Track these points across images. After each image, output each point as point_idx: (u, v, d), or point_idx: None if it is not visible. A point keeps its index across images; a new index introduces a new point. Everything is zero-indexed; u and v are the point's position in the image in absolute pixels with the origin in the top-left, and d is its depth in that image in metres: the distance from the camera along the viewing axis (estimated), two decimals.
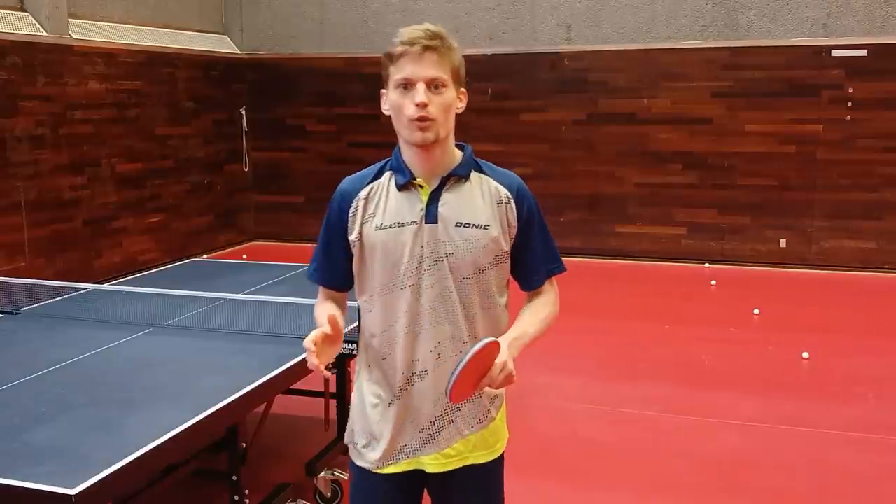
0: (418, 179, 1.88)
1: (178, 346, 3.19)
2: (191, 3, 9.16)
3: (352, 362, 3.56)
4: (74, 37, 7.35)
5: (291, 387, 3.22)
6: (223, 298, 3.73)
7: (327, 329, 1.76)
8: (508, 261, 1.95)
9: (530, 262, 1.98)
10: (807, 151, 8.15)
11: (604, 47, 8.59)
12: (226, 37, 9.77)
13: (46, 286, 4.07)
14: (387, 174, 1.94)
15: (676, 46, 8.40)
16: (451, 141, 1.91)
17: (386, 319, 1.91)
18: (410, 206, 1.88)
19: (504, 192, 1.93)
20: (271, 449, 3.95)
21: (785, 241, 8.31)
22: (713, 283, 7.71)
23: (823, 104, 8.04)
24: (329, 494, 3.50)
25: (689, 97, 8.41)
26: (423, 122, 1.79)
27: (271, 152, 9.90)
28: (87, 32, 7.57)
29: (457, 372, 1.68)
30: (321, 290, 2.06)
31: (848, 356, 5.52)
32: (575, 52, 8.71)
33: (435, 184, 1.89)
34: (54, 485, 1.96)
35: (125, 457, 2.12)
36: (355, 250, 1.94)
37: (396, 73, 1.81)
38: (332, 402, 3.66)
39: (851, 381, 5.01)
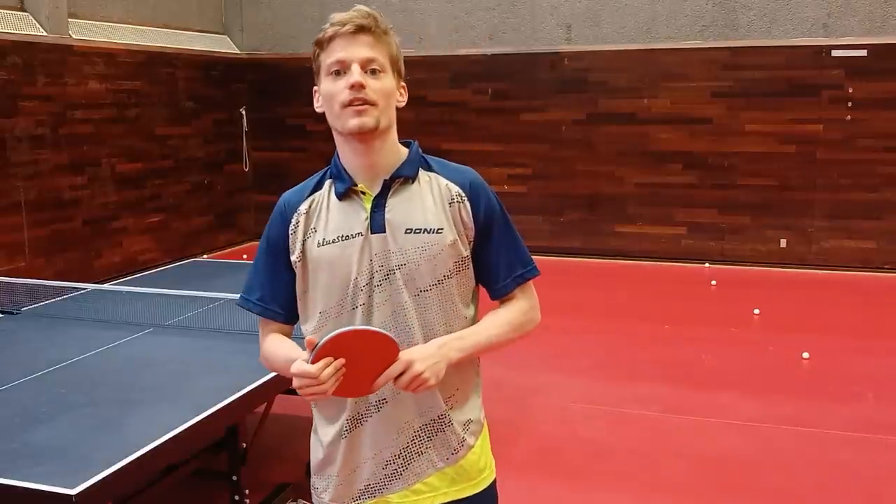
0: (360, 185, 1.68)
1: (178, 346, 3.19)
2: (191, 3, 9.16)
3: None
4: (74, 37, 7.35)
5: (291, 387, 3.22)
6: (223, 298, 3.72)
7: (305, 355, 1.53)
8: (471, 267, 1.73)
9: (494, 268, 1.74)
10: (807, 151, 8.15)
11: (604, 47, 8.59)
12: (226, 37, 9.77)
13: (46, 286, 4.07)
14: (327, 184, 1.74)
15: (676, 46, 8.39)
16: (394, 137, 1.72)
17: None
18: (354, 217, 1.68)
19: (455, 189, 1.71)
20: (271, 449, 3.95)
21: (785, 241, 8.31)
22: (713, 283, 7.71)
23: (823, 104, 8.04)
24: None
25: (689, 97, 8.41)
26: (360, 104, 1.60)
27: (271, 152, 9.90)
28: (87, 32, 7.57)
29: (322, 341, 1.48)
30: (264, 324, 1.80)
31: (848, 356, 5.52)
32: (575, 52, 8.71)
33: (378, 189, 1.68)
34: (54, 485, 1.96)
35: (125, 457, 2.12)
36: (298, 271, 1.71)
37: (328, 58, 1.64)
38: None
39: (851, 381, 5.01)
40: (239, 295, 1.84)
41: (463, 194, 1.71)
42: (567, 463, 3.97)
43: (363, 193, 1.69)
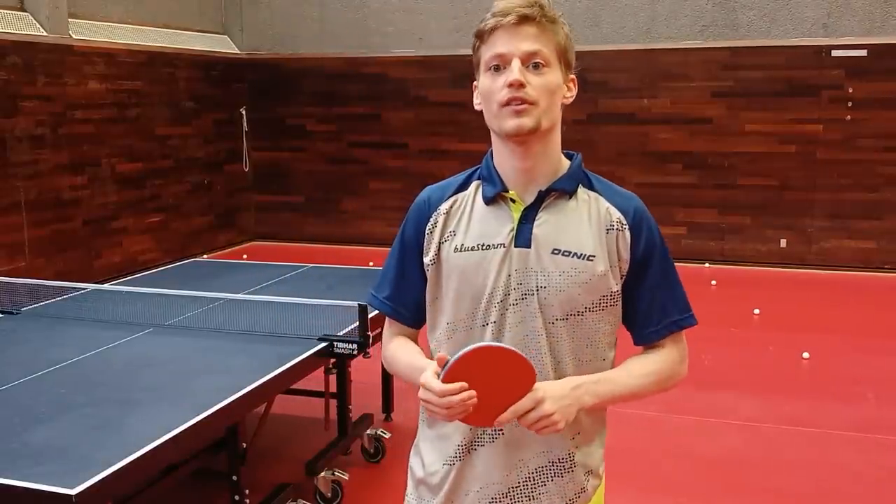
0: (511, 192, 1.52)
1: (178, 346, 3.19)
2: (191, 3, 9.16)
3: (352, 362, 3.57)
4: (74, 37, 7.35)
5: (291, 387, 3.22)
6: (223, 298, 3.72)
7: (436, 387, 1.38)
8: (619, 304, 1.55)
9: (646, 310, 1.56)
10: (807, 151, 8.15)
11: (604, 47, 8.59)
12: (226, 37, 9.77)
13: (46, 286, 4.06)
14: (474, 184, 1.58)
15: (676, 46, 8.39)
16: (556, 141, 1.57)
17: None
18: (499, 225, 1.52)
19: (617, 215, 1.53)
20: (271, 449, 3.95)
21: (785, 241, 8.31)
22: (713, 283, 7.71)
23: (823, 104, 8.04)
24: (329, 494, 3.49)
25: (689, 97, 8.41)
26: (519, 104, 1.45)
27: (271, 152, 9.90)
28: (87, 32, 7.57)
29: (451, 361, 1.35)
30: (389, 324, 1.68)
31: (848, 356, 5.52)
32: (575, 52, 8.70)
33: (531, 198, 1.52)
34: (54, 485, 1.96)
35: (125, 457, 2.12)
36: (430, 276, 1.57)
37: (487, 52, 1.48)
38: (333, 402, 3.66)
39: (851, 381, 5.01)
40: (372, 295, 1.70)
41: (624, 222, 1.54)
42: None
43: (513, 201, 1.53)
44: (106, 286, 4.19)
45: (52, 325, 3.46)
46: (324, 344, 3.17)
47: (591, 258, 1.50)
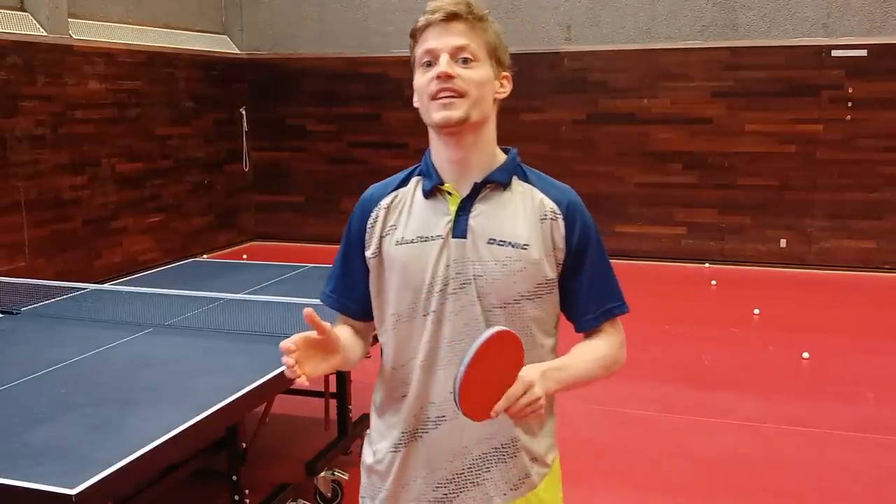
0: (447, 185, 1.58)
1: (178, 346, 3.19)
2: (191, 3, 9.16)
3: None
4: (74, 37, 7.35)
5: (291, 387, 3.22)
6: (223, 298, 3.72)
7: (312, 333, 1.48)
8: (555, 292, 1.59)
9: (582, 297, 1.61)
10: (807, 151, 8.15)
11: (604, 47, 8.59)
12: (226, 37, 9.77)
13: (46, 286, 4.06)
14: (414, 180, 1.64)
15: (676, 46, 8.39)
16: (490, 136, 1.60)
17: (401, 354, 1.61)
18: (437, 218, 1.58)
19: (551, 205, 1.59)
20: (271, 449, 3.95)
21: (785, 241, 8.31)
22: (713, 283, 7.71)
23: (823, 104, 8.04)
24: (329, 494, 3.50)
25: (689, 97, 8.41)
26: (447, 95, 1.49)
27: (271, 152, 9.90)
28: (87, 32, 7.57)
29: (467, 360, 1.34)
30: (338, 317, 1.73)
31: (848, 356, 5.52)
32: (575, 52, 8.71)
33: (466, 191, 1.57)
34: (54, 485, 1.95)
35: (125, 457, 2.12)
36: (372, 269, 1.63)
37: (419, 49, 1.55)
38: (333, 402, 3.66)
39: (851, 381, 5.01)
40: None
41: (558, 212, 1.59)
42: (567, 463, 3.96)
43: (450, 194, 1.58)
44: (106, 286, 4.19)
45: (52, 325, 3.46)
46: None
47: (525, 247, 1.55)
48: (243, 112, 9.74)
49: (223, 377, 2.80)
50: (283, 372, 2.91)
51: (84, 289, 4.11)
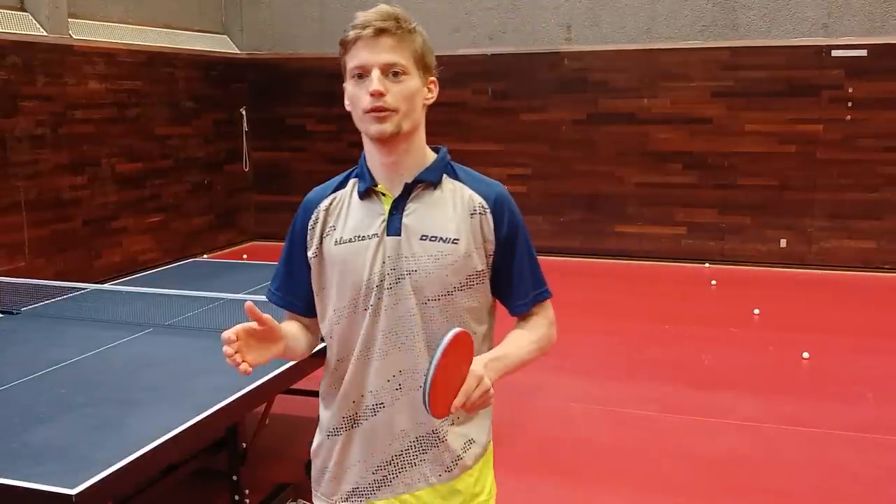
0: (380, 186, 1.67)
1: (178, 346, 3.19)
2: (191, 3, 9.16)
3: None
4: (74, 37, 7.35)
5: (291, 387, 3.22)
6: (223, 298, 3.73)
7: (252, 324, 1.56)
8: (486, 282, 1.69)
9: (514, 286, 1.72)
10: (807, 151, 8.15)
11: (604, 47, 8.59)
12: (226, 37, 9.77)
13: (46, 286, 4.07)
14: (351, 182, 1.73)
15: (676, 46, 8.39)
16: (420, 139, 1.69)
17: (343, 346, 1.70)
18: (372, 217, 1.66)
19: (479, 201, 1.67)
20: (271, 449, 3.95)
21: (785, 241, 8.31)
22: (713, 283, 7.71)
23: (823, 104, 8.04)
24: None
25: (689, 97, 8.41)
26: (379, 112, 1.58)
27: (271, 152, 9.90)
28: (87, 32, 7.57)
29: (431, 371, 1.42)
30: (285, 314, 1.84)
31: (848, 356, 5.52)
32: (575, 52, 8.71)
33: (398, 191, 1.66)
34: (54, 485, 1.96)
35: (125, 457, 2.12)
36: (313, 268, 1.72)
37: (350, 62, 1.61)
38: None
39: (851, 381, 5.01)
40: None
41: (486, 206, 1.67)
42: (567, 463, 3.97)
43: (383, 195, 1.67)
44: (106, 286, 4.19)
45: (52, 325, 3.46)
46: (324, 344, 3.16)
47: (455, 241, 1.64)
48: (243, 112, 9.74)
49: (223, 377, 2.80)
50: (282, 372, 2.93)
51: (84, 289, 4.11)
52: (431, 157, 1.71)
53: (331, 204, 1.72)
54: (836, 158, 8.07)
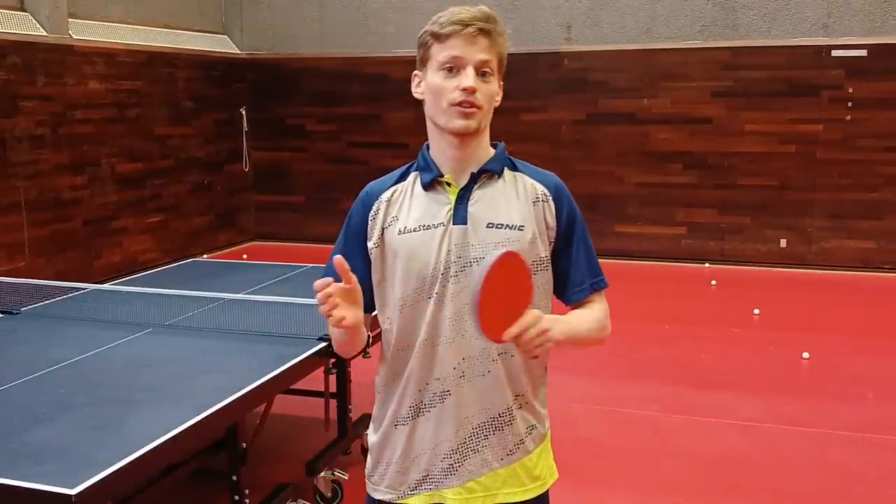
0: (446, 177, 1.70)
1: (178, 346, 3.19)
2: (191, 3, 9.16)
3: (352, 362, 3.57)
4: (74, 37, 7.35)
5: (291, 387, 3.22)
6: (223, 298, 3.72)
7: (341, 284, 1.56)
8: (549, 269, 1.73)
9: (572, 272, 1.75)
10: (807, 151, 8.15)
11: (604, 47, 8.59)
12: (226, 37, 9.77)
13: (46, 286, 4.06)
14: (412, 175, 1.76)
15: (676, 46, 8.39)
16: (487, 136, 1.75)
17: (406, 335, 1.71)
18: (437, 207, 1.70)
19: (541, 188, 1.73)
20: (271, 449, 3.95)
21: (785, 241, 8.31)
22: (713, 283, 7.71)
23: (823, 104, 8.04)
24: (329, 494, 3.50)
25: (689, 97, 8.41)
26: (468, 107, 1.62)
27: (271, 152, 9.90)
28: (87, 32, 7.57)
29: (481, 277, 1.44)
30: None
31: (848, 356, 5.52)
32: (575, 52, 8.71)
33: (464, 181, 1.70)
34: (54, 485, 1.95)
35: (125, 457, 2.12)
36: (374, 259, 1.73)
37: (441, 53, 1.63)
38: (332, 402, 3.66)
39: (851, 381, 5.01)
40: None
41: (548, 194, 1.73)
42: (567, 463, 3.96)
43: (448, 185, 1.71)
44: (106, 286, 4.19)
45: (52, 325, 3.46)
46: (323, 344, 3.16)
47: (520, 228, 1.68)
48: (243, 112, 9.74)
49: (223, 377, 2.80)
50: (282, 372, 2.93)
51: (84, 289, 4.11)
52: (492, 150, 1.77)
53: (392, 195, 1.75)
54: (836, 158, 8.07)
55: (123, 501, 2.68)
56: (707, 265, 8.41)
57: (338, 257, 1.58)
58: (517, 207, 1.70)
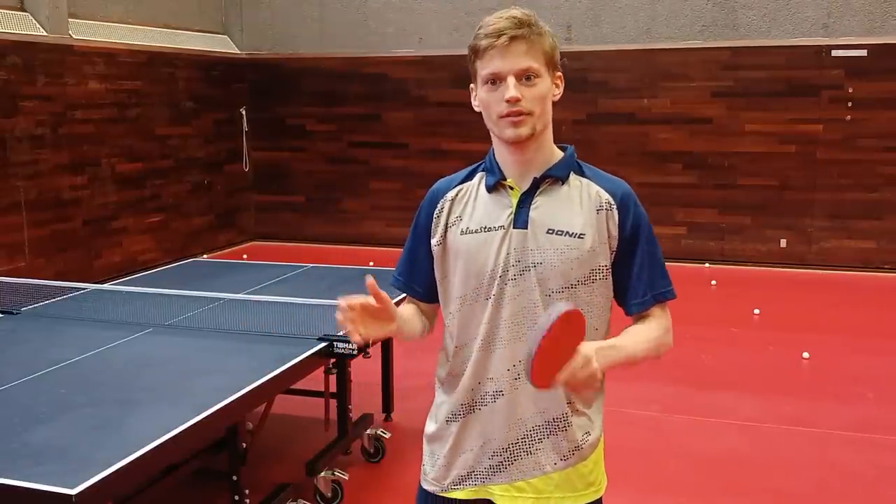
0: (509, 180, 1.71)
1: (178, 346, 3.19)
2: (191, 3, 9.16)
3: (352, 362, 3.57)
4: (74, 37, 7.35)
5: (291, 387, 3.22)
6: (223, 298, 3.73)
7: (370, 300, 1.58)
8: (608, 279, 1.72)
9: (633, 282, 1.72)
10: (807, 151, 8.15)
11: (604, 47, 8.59)
12: (226, 37, 9.77)
13: (46, 286, 4.07)
14: (478, 175, 1.78)
15: (676, 46, 8.39)
16: (549, 137, 1.75)
17: (464, 333, 1.74)
18: (499, 210, 1.71)
19: (606, 197, 1.71)
20: (271, 449, 3.95)
21: (785, 241, 8.31)
22: (713, 283, 7.71)
23: (823, 104, 8.04)
24: (329, 494, 3.50)
25: (689, 97, 8.41)
26: (515, 117, 1.63)
27: (271, 152, 9.90)
28: (87, 32, 7.57)
29: (539, 336, 1.43)
30: (405, 298, 1.89)
31: (848, 356, 5.52)
32: (575, 52, 8.69)
33: (527, 185, 1.71)
34: (54, 485, 1.96)
35: (125, 457, 2.12)
36: (436, 256, 1.77)
37: (483, 69, 1.65)
38: (333, 402, 3.66)
39: (851, 381, 5.01)
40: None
41: (612, 203, 1.71)
42: None
43: (511, 188, 1.71)
44: (106, 286, 4.19)
45: (52, 325, 3.46)
46: (324, 344, 3.17)
47: (581, 236, 1.67)
48: (243, 112, 9.74)
49: (223, 377, 2.80)
50: (282, 372, 2.93)
51: (84, 289, 4.11)
52: (559, 154, 1.76)
53: (457, 195, 1.77)
54: (836, 158, 8.07)
55: (123, 501, 2.68)
56: (707, 265, 8.40)
57: (370, 280, 1.58)
58: (580, 214, 1.69)
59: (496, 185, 1.73)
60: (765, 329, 6.18)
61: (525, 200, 1.70)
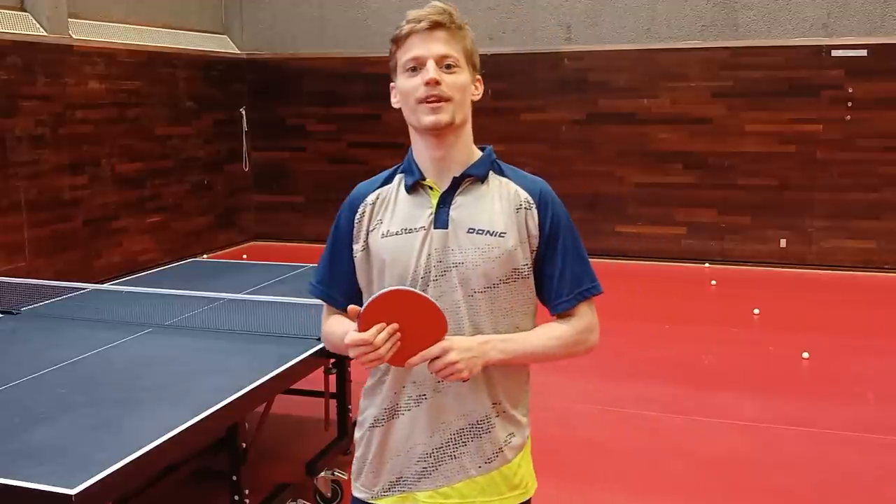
0: (428, 180, 1.70)
1: (178, 346, 3.19)
2: (191, 3, 9.16)
3: (352, 362, 3.57)
4: (74, 37, 7.35)
5: (291, 387, 3.22)
6: (223, 298, 3.72)
7: (363, 336, 1.55)
8: (530, 278, 1.70)
9: (557, 281, 1.71)
10: (807, 151, 8.15)
11: (604, 47, 8.59)
12: (226, 37, 9.77)
13: (46, 286, 4.06)
14: (397, 178, 1.76)
15: (676, 46, 8.39)
16: (468, 134, 1.73)
17: None
18: (419, 211, 1.69)
19: (524, 195, 1.70)
20: (271, 449, 3.95)
21: (785, 241, 8.31)
22: (713, 283, 7.71)
23: (823, 104, 8.04)
24: (329, 494, 3.50)
25: (689, 97, 8.41)
26: (435, 101, 1.61)
27: (271, 152, 9.90)
28: (87, 32, 7.57)
29: (365, 305, 1.51)
30: (325, 308, 1.85)
31: (848, 356, 5.52)
32: (575, 52, 8.71)
33: (446, 185, 1.69)
34: (54, 485, 1.96)
35: (125, 457, 2.12)
36: (359, 261, 1.73)
37: (403, 55, 1.64)
38: (332, 402, 3.66)
39: (851, 381, 5.01)
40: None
41: (531, 201, 1.70)
42: (567, 463, 3.97)
43: (431, 188, 1.70)
44: (106, 286, 4.19)
45: (52, 325, 3.46)
46: (323, 344, 3.16)
47: (502, 235, 1.66)
48: (243, 112, 9.74)
49: (223, 377, 2.80)
50: (282, 372, 2.93)
51: (84, 289, 4.11)
52: (478, 153, 1.75)
53: (377, 198, 1.75)
54: (836, 158, 8.07)
55: (123, 501, 2.68)
56: (707, 265, 8.40)
57: (352, 307, 1.57)
58: (500, 213, 1.68)
59: (415, 185, 1.71)
60: (765, 329, 6.18)
61: (445, 200, 1.68)
